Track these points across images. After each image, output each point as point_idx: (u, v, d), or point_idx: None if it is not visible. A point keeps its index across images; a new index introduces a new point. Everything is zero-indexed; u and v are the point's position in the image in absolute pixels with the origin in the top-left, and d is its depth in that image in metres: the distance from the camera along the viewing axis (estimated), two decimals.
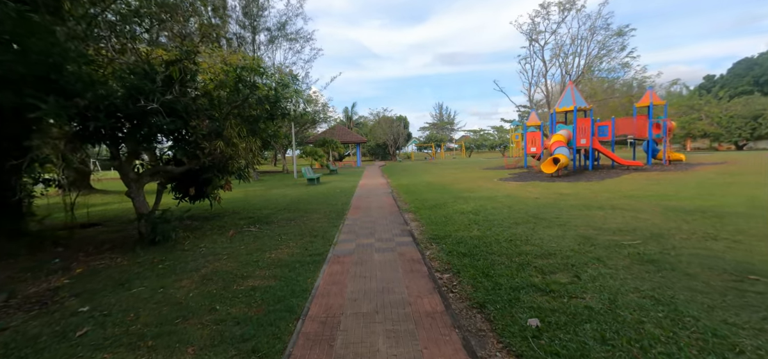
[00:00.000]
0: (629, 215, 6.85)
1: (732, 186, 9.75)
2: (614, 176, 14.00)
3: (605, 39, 27.47)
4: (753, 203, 7.37)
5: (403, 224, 7.36)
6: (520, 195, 10.24)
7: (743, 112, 38.52)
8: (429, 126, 74.82)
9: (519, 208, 8.16)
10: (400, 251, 5.31)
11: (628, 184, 11.51)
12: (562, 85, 31.26)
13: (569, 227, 6.09)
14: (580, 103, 18.34)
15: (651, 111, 18.97)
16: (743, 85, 51.09)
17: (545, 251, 4.88)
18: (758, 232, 5.22)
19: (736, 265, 3.94)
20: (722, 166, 16.28)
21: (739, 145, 39.72)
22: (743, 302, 3.09)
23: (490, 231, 6.17)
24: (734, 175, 12.32)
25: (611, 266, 4.17)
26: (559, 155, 15.32)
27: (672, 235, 5.28)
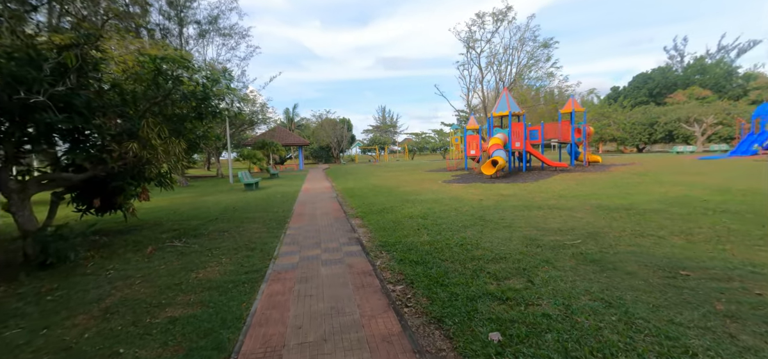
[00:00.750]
0: (565, 214, 7.21)
1: (643, 185, 10.90)
2: (546, 177, 15.02)
3: (533, 50, 29.76)
4: (664, 199, 8.22)
5: (350, 231, 6.95)
6: (464, 197, 10.41)
7: (642, 119, 44.49)
8: (372, 129, 75.27)
9: (465, 210, 8.22)
10: (349, 263, 4.90)
11: (559, 184, 12.36)
12: (497, 91, 33.24)
13: (515, 229, 6.18)
14: (514, 108, 19.51)
15: (573, 117, 20.84)
16: (641, 96, 59.03)
17: (496, 254, 4.82)
18: (674, 228, 5.74)
19: (667, 261, 4.19)
20: (631, 166, 18.39)
21: (639, 148, 45.79)
22: (682, 299, 3.21)
23: (440, 236, 6.03)
24: (642, 174, 13.90)
25: (560, 267, 4.20)
26: (497, 157, 16.07)
27: (606, 233, 5.57)
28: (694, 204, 7.46)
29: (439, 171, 22.92)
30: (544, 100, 32.52)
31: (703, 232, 5.36)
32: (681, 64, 61.23)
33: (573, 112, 20.96)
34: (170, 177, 7.08)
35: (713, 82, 52.21)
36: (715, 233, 5.28)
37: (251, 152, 25.07)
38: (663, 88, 55.85)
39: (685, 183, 10.66)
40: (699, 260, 4.15)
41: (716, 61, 56.49)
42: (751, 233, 5.18)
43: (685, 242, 4.90)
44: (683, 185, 10.24)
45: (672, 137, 41.29)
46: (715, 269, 3.84)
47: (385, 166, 35.67)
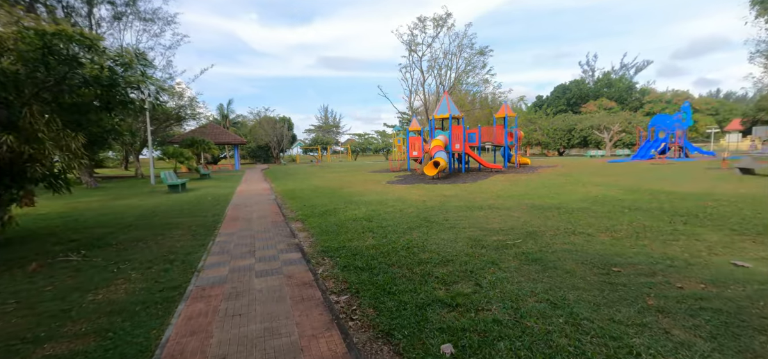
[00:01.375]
0: (504, 214, 7.45)
1: (567, 185, 11.86)
2: (483, 178, 15.71)
3: (471, 56, 31.29)
4: (587, 199, 8.95)
5: (289, 236, 6.42)
6: (408, 198, 10.36)
7: (562, 126, 49.31)
8: (315, 128, 73.52)
9: (410, 212, 8.12)
10: (287, 273, 4.43)
11: (496, 185, 12.96)
12: (437, 94, 34.36)
13: (459, 230, 6.18)
14: (454, 111, 20.20)
15: (506, 122, 22.22)
16: (561, 104, 65.61)
17: (443, 257, 4.71)
18: (600, 225, 6.18)
19: (599, 258, 4.41)
20: (556, 168, 20.08)
21: (560, 151, 50.69)
22: (618, 296, 3.33)
23: (386, 239, 5.80)
24: (566, 176, 15.21)
25: (505, 268, 4.20)
26: (438, 158, 16.44)
27: (542, 232, 5.80)
28: (612, 203, 8.20)
29: (383, 172, 22.92)
30: (480, 105, 34.39)
31: (624, 229, 5.83)
32: (592, 78, 68.95)
33: (506, 117, 22.30)
34: (65, 178, 5.88)
35: (618, 95, 59.67)
36: (633, 229, 5.76)
37: (178, 151, 22.71)
38: (578, 99, 62.46)
39: (602, 184, 11.80)
40: (626, 256, 4.43)
41: (619, 76, 64.64)
42: (662, 228, 5.74)
43: (611, 239, 5.26)
44: (601, 186, 11.31)
45: (586, 142, 46.33)
46: (640, 264, 4.11)
47: (328, 166, 34.88)
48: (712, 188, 9.95)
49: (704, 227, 5.75)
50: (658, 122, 27.28)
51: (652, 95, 57.14)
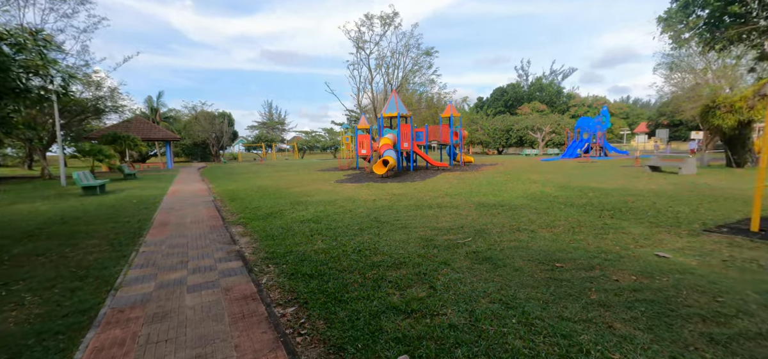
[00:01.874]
0: (453, 212, 7.57)
1: (509, 183, 12.51)
2: (431, 176, 16.03)
3: (417, 57, 31.90)
4: (526, 196, 9.47)
5: (229, 242, 5.87)
6: (358, 197, 10.15)
7: (501, 126, 52.51)
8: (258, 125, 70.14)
9: (360, 212, 7.92)
10: (226, 285, 3.98)
11: (443, 183, 13.26)
12: (385, 93, 34.55)
13: (410, 230, 6.12)
14: (402, 110, 20.37)
15: (452, 121, 22.97)
16: (499, 106, 69.89)
17: (395, 259, 4.58)
18: (541, 221, 6.51)
19: (543, 254, 4.58)
20: (497, 166, 21.20)
21: (499, 150, 53.94)
22: (564, 292, 3.44)
23: (336, 242, 5.54)
24: (507, 173, 16.08)
25: (457, 269, 4.18)
26: (387, 157, 16.44)
27: (490, 230, 5.95)
28: (549, 200, 8.75)
29: (331, 171, 22.44)
30: (427, 104, 35.25)
31: (562, 224, 6.19)
32: (526, 82, 74.26)
33: (451, 117, 23.03)
34: None
35: (548, 98, 64.97)
36: (570, 225, 6.14)
37: (96, 148, 20.09)
38: (515, 101, 66.92)
39: (538, 181, 12.62)
40: (566, 252, 4.66)
41: (549, 82, 70.43)
42: (594, 223, 6.19)
43: (552, 235, 5.54)
44: (537, 183, 12.09)
45: (522, 141, 49.80)
46: (580, 259, 4.34)
47: (273, 165, 33.40)
48: (629, 183, 11.12)
49: (628, 220, 6.32)
50: (582, 124, 30.11)
51: (576, 99, 63.11)
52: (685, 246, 4.70)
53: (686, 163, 13.05)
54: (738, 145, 13.79)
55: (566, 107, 60.71)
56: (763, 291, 3.22)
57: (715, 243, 4.75)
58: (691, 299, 3.12)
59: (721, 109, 13.10)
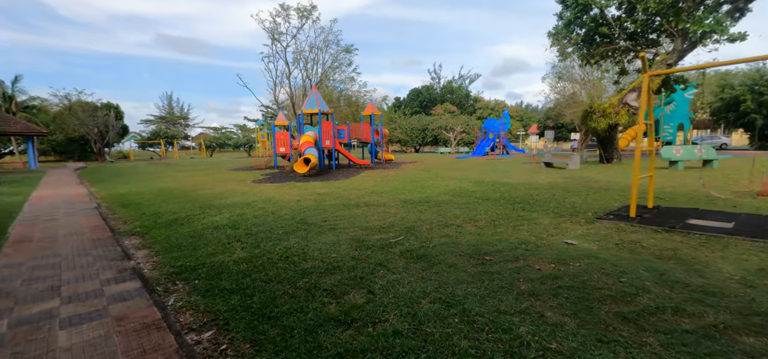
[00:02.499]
0: (382, 210, 7.51)
1: (430, 179, 13.04)
2: (355, 175, 15.89)
3: (337, 53, 31.44)
4: (448, 192, 9.94)
5: (121, 258, 4.86)
6: (280, 198, 9.47)
7: (418, 125, 55.09)
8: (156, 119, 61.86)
9: (284, 214, 7.35)
10: (118, 313, 3.22)
11: (368, 181, 13.23)
12: (304, 89, 33.33)
13: (340, 231, 5.85)
14: (324, 107, 19.82)
15: (373, 120, 23.19)
16: (415, 106, 73.36)
17: (328, 264, 4.28)
18: (464, 216, 6.83)
19: (472, 249, 4.75)
20: (416, 164, 22.06)
21: (416, 149, 56.55)
22: (497, 285, 3.57)
23: (259, 249, 4.99)
24: (426, 170, 16.80)
25: (393, 269, 4.06)
26: (309, 155, 15.80)
27: (420, 227, 6.01)
28: (468, 195, 9.30)
29: (247, 170, 20.80)
30: (347, 102, 35.04)
31: (483, 218, 6.58)
32: (439, 84, 79.11)
33: (372, 115, 23.22)
34: None
35: (458, 101, 70.23)
36: (490, 218, 6.56)
37: None
38: (429, 102, 70.79)
39: (456, 177, 13.42)
40: (492, 245, 4.91)
41: (459, 85, 76.18)
42: (510, 215, 6.71)
43: (476, 229, 5.82)
44: (455, 179, 12.84)
45: (437, 140, 52.97)
46: (504, 251, 4.60)
47: (175, 164, 29.73)
48: (531, 178, 12.51)
49: (536, 211, 7.01)
50: (488, 125, 33.21)
51: (481, 102, 69.48)
52: (585, 233, 5.35)
53: (572, 159, 15.24)
54: (608, 144, 16.65)
55: (473, 109, 66.42)
56: (651, 269, 3.77)
57: (607, 229, 5.52)
58: (601, 282, 3.49)
59: (596, 114, 15.63)
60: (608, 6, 17.11)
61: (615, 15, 17.59)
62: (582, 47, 18.64)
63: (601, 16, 17.53)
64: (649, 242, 4.76)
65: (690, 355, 2.30)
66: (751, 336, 2.49)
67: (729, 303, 2.94)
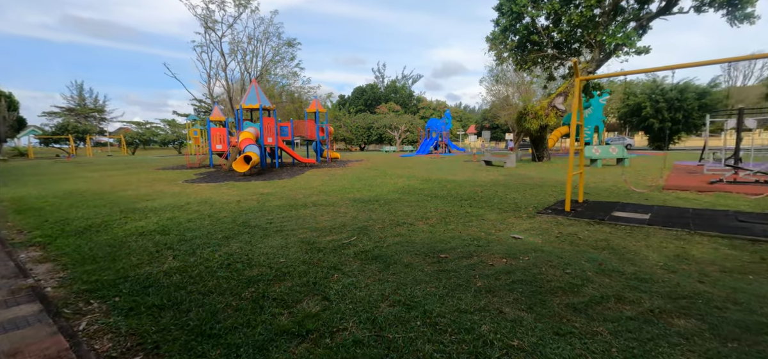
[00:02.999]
0: (331, 210, 7.23)
1: (378, 178, 12.99)
2: (299, 173, 15.28)
3: (278, 47, 30.08)
4: (397, 190, 9.95)
5: (15, 275, 4.02)
6: (218, 199, 8.70)
7: (363, 124, 55.05)
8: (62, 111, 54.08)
9: (223, 216, 6.73)
10: (10, 348, 2.60)
11: (314, 180, 12.78)
12: (243, 82, 31.38)
13: (288, 233, 5.48)
14: (265, 102, 18.78)
15: (318, 117, 22.58)
16: (360, 104, 73.31)
17: (277, 270, 3.95)
18: (415, 214, 6.84)
19: (427, 247, 4.73)
20: (363, 162, 21.94)
21: (361, 147, 56.48)
22: (455, 283, 3.55)
23: (195, 257, 4.45)
24: (373, 169, 16.75)
25: (349, 272, 3.87)
26: (250, 152, 14.83)
27: (372, 226, 5.87)
28: (416, 192, 9.39)
29: (177, 169, 18.98)
30: (290, 99, 33.72)
31: (434, 216, 6.64)
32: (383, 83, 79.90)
33: (317, 112, 22.63)
34: None
35: (402, 100, 71.58)
36: (440, 215, 6.64)
37: None
38: (373, 101, 71.19)
39: (403, 175, 13.54)
40: (445, 242, 4.93)
41: (402, 85, 77.67)
42: (459, 212, 6.87)
43: (428, 227, 5.83)
44: (403, 177, 12.94)
45: (382, 138, 53.44)
46: (458, 248, 4.64)
47: (89, 163, 26.20)
48: (474, 176, 13.07)
49: (483, 208, 7.27)
50: (431, 125, 34.25)
51: (424, 102, 71.61)
52: (529, 227, 5.64)
53: (509, 158, 16.28)
54: (540, 144, 18.10)
55: (416, 109, 68.20)
56: (590, 259, 4.04)
57: (547, 223, 5.88)
58: (549, 274, 3.65)
59: (529, 115, 16.87)
60: (538, 16, 18.57)
61: (544, 24, 19.15)
62: (516, 53, 20.00)
63: (532, 25, 18.97)
64: (585, 234, 5.15)
65: (636, 341, 2.46)
66: (681, 318, 2.74)
67: (659, 289, 3.23)
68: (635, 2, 17.72)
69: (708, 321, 2.66)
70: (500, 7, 19.13)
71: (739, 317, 2.70)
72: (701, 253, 4.18)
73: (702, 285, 3.27)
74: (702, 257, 4.05)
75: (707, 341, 2.42)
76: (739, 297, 3.01)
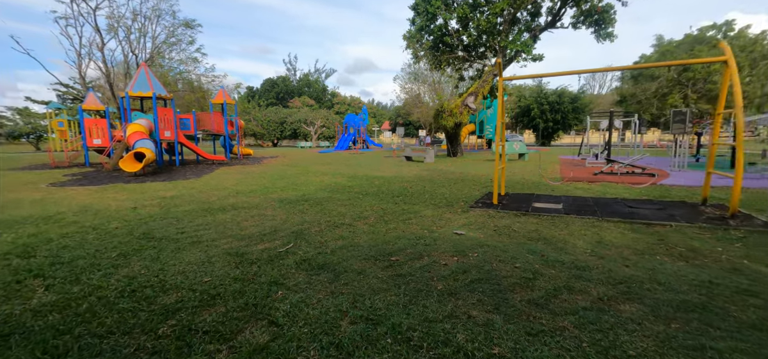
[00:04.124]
0: (256, 214, 6.44)
1: (301, 175, 12.23)
2: (208, 172, 13.55)
3: (174, 27, 26.31)
4: (325, 188, 9.44)
5: None
6: (104, 207, 7.06)
7: (275, 118, 52.08)
8: None
9: (115, 228, 5.43)
10: None
11: (227, 179, 11.42)
12: (127, 66, 26.67)
13: (208, 244, 4.63)
14: (160, 90, 16.18)
15: (225, 109, 20.43)
16: (271, 97, 69.17)
17: (202, 293, 3.23)
18: (351, 214, 6.49)
19: (374, 249, 4.43)
20: (279, 159, 20.61)
21: (274, 142, 53.37)
22: (415, 288, 3.34)
23: (80, 285, 3.41)
24: (293, 166, 15.80)
25: (295, 287, 3.36)
26: (143, 148, 12.56)
27: (308, 230, 5.35)
28: (346, 190, 9.03)
29: (37, 169, 15.21)
30: (189, 87, 29.85)
31: (371, 214, 6.38)
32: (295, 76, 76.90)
33: (225, 103, 20.54)
34: None
35: (316, 94, 69.79)
36: (378, 214, 6.41)
37: None
38: (286, 94, 67.98)
39: (327, 172, 13.01)
40: (390, 242, 4.71)
41: (316, 79, 75.77)
42: (395, 210, 6.73)
43: (369, 227, 5.54)
44: (327, 174, 12.42)
45: (296, 134, 51.31)
46: (406, 248, 4.46)
47: None
48: (399, 172, 13.23)
49: (417, 204, 7.28)
50: (348, 120, 34.02)
51: (338, 97, 71.01)
52: (467, 222, 5.78)
53: (427, 153, 16.98)
54: (455, 140, 19.30)
55: (331, 104, 67.25)
56: (531, 251, 4.24)
57: (481, 216, 6.11)
58: (502, 270, 3.70)
59: (445, 113, 17.84)
60: (450, 18, 19.72)
61: (455, 28, 20.44)
62: (431, 53, 20.96)
63: (445, 27, 20.08)
64: (517, 226, 5.47)
65: (600, 332, 2.56)
66: (626, 303, 2.98)
67: (597, 276, 3.50)
68: (528, 15, 20.09)
69: (647, 304, 2.93)
70: (416, 7, 19.78)
71: (668, 297, 3.05)
72: (614, 238, 4.76)
73: (628, 269, 3.65)
74: (616, 241, 4.61)
75: (654, 324, 2.65)
76: (659, 277, 3.43)
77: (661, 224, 5.22)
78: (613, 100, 47.13)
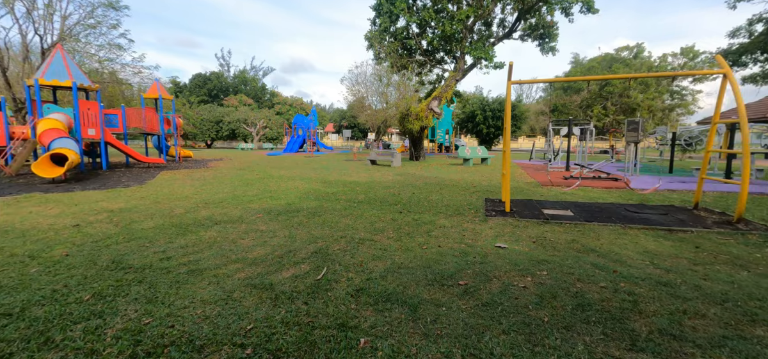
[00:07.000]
0: (248, 229, 5.36)
1: (267, 181, 10.94)
2: (150, 178, 11.51)
3: (93, 8, 22.43)
4: (307, 195, 8.44)
5: None
6: (30, 227, 5.34)
7: (210, 117, 47.64)
8: None
9: (61, 256, 4.01)
10: None
11: (180, 187, 9.74)
12: (26, 49, 22.07)
13: (216, 274, 3.58)
14: (81, 79, 13.48)
15: (161, 104, 17.90)
16: (203, 94, 63.27)
17: (258, 349, 2.33)
18: (363, 227, 5.73)
19: (429, 272, 3.80)
20: (227, 162, 18.60)
21: (208, 144, 48.77)
22: (519, 321, 2.81)
23: (61, 352, 2.26)
24: (249, 170, 14.23)
25: (375, 332, 2.61)
26: (63, 149, 10.19)
27: (331, 249, 4.50)
28: (332, 198, 8.16)
29: None
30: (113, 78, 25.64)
31: (385, 227, 5.68)
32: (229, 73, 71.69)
33: (160, 98, 18.07)
34: None
35: (254, 93, 65.72)
36: (392, 227, 5.73)
37: None
38: (220, 91, 62.92)
39: (293, 177, 11.86)
40: (440, 262, 4.10)
41: (253, 76, 71.45)
42: (405, 221, 6.10)
43: (396, 242, 4.85)
44: (296, 179, 11.31)
45: (235, 134, 47.50)
46: (463, 269, 3.90)
47: None
48: (371, 176, 12.56)
49: (424, 213, 6.73)
50: (297, 121, 32.33)
51: (279, 97, 67.67)
52: (496, 233, 5.38)
53: (395, 157, 16.57)
54: (419, 144, 19.17)
55: (272, 104, 63.75)
56: (599, 267, 3.95)
57: (505, 226, 5.75)
58: (591, 291, 3.33)
59: (412, 116, 17.62)
60: (412, 21, 19.64)
61: (416, 31, 20.42)
62: (393, 55, 20.69)
63: (406, 30, 19.95)
64: (551, 236, 5.21)
65: None
66: (755, 326, 2.78)
67: (692, 293, 3.28)
68: (484, 26, 20.89)
69: None
70: (378, 7, 19.35)
71: None
72: (655, 247, 4.72)
73: (709, 282, 3.53)
74: (661, 250, 4.57)
75: None
76: (749, 290, 3.35)
77: (682, 231, 5.38)
78: (540, 110, 51.83)
